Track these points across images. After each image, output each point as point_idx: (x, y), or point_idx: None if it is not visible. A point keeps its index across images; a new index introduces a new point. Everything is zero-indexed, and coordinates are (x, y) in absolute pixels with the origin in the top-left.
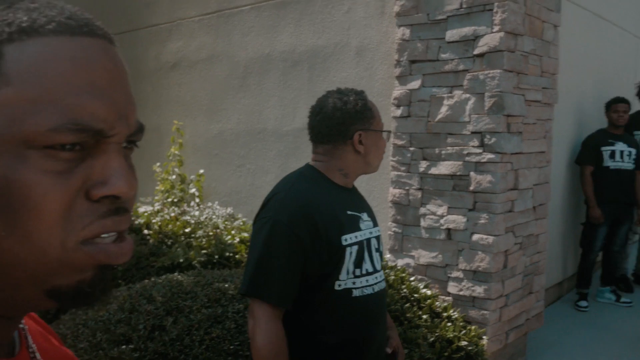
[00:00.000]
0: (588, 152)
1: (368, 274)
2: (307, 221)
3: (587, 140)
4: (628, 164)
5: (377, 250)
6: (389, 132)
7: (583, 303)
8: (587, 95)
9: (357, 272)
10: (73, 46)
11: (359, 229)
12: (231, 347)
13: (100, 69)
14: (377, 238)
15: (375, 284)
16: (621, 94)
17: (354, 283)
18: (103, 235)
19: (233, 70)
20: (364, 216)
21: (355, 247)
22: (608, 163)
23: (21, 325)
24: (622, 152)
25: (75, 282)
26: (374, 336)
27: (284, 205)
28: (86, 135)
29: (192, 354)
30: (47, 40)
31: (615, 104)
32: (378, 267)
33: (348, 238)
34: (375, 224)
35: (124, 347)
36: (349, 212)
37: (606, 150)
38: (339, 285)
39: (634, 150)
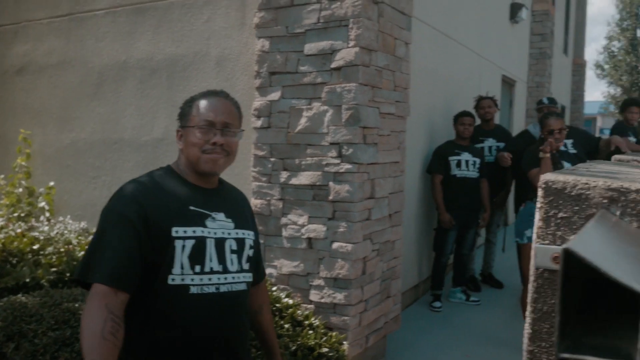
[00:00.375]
0: (437, 162)
1: (213, 272)
2: (136, 205)
3: (436, 151)
4: (473, 173)
5: (235, 252)
6: (205, 127)
7: (437, 304)
8: (437, 108)
9: (197, 268)
10: None
11: (201, 226)
12: None
13: None
14: (239, 241)
15: (223, 284)
16: (467, 108)
17: (192, 280)
18: None
19: (86, 77)
20: (219, 216)
21: (190, 242)
22: (455, 172)
23: None
24: (467, 161)
25: None
26: (216, 337)
27: (118, 195)
28: None
29: None
30: None
31: (461, 117)
32: (232, 268)
33: (180, 231)
34: (240, 227)
35: None
36: (191, 208)
37: (453, 160)
38: (173, 280)
39: (478, 160)
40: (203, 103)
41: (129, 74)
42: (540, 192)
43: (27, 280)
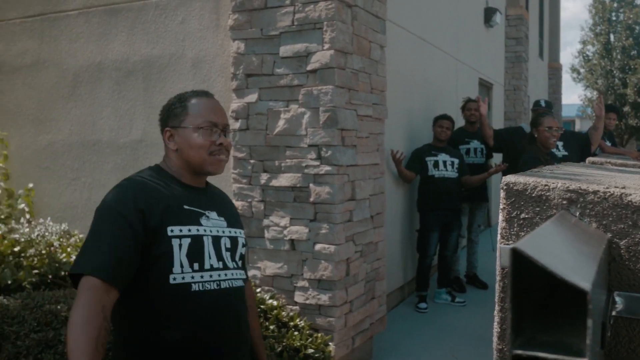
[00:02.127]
0: (412, 161)
1: (213, 269)
2: (132, 203)
3: (413, 152)
4: (451, 173)
5: (229, 250)
6: (209, 128)
7: (422, 305)
8: (416, 111)
9: (196, 266)
10: None
11: (196, 224)
12: None
13: None
14: (233, 239)
15: (224, 280)
16: (445, 111)
17: (192, 277)
18: None
19: (62, 78)
20: (212, 214)
21: (187, 240)
22: (433, 172)
23: None
24: (445, 162)
25: None
26: (222, 332)
27: (114, 192)
28: None
29: None
30: None
31: (440, 120)
32: (230, 265)
33: (176, 229)
34: (231, 225)
35: None
36: (185, 207)
37: (430, 160)
38: (174, 279)
39: (456, 160)
40: (200, 103)
41: (105, 75)
42: (502, 194)
43: (9, 282)
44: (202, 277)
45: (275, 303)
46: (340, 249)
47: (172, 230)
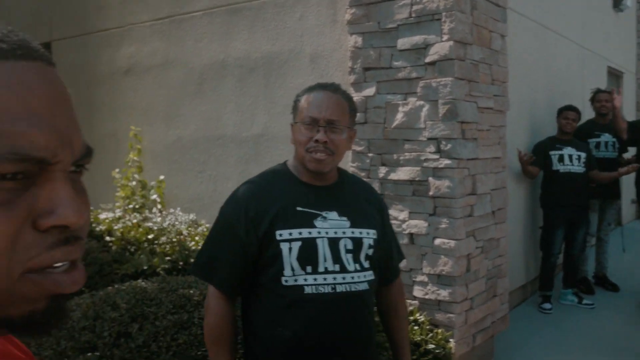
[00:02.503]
0: (536, 156)
1: (327, 272)
2: (242, 212)
3: (536, 145)
4: (578, 167)
5: (351, 251)
6: (309, 124)
7: (547, 305)
8: (539, 103)
9: (309, 269)
10: (7, 72)
11: (308, 227)
12: (198, 352)
13: (38, 95)
14: (356, 240)
15: (340, 284)
16: (571, 102)
17: (305, 280)
18: (55, 265)
19: (188, 76)
20: (331, 215)
21: (297, 244)
22: (557, 167)
23: None
24: (570, 155)
25: (27, 312)
26: (335, 335)
27: (232, 198)
28: (27, 165)
29: None
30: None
31: (565, 111)
32: (350, 267)
33: (285, 233)
34: (357, 225)
35: (89, 354)
36: (299, 209)
37: (554, 154)
38: (286, 281)
39: (583, 154)
40: (308, 98)
41: (228, 73)
42: None
43: (145, 267)
44: (315, 279)
45: None
46: (460, 244)
47: (280, 235)
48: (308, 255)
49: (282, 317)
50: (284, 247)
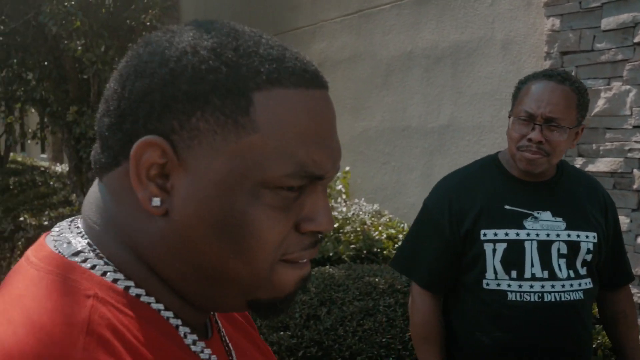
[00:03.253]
0: None
1: (534, 279)
2: (447, 208)
3: None
4: None
5: (565, 256)
6: (524, 119)
7: None
8: None
9: (514, 274)
10: (308, 99)
11: (517, 227)
12: (383, 339)
13: (325, 120)
14: (572, 244)
15: (549, 292)
16: None
17: (509, 285)
18: (300, 261)
19: (375, 69)
20: (543, 215)
21: (502, 245)
22: None
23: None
24: None
25: (272, 297)
26: (539, 346)
27: (435, 190)
28: (308, 180)
29: (346, 344)
30: (289, 92)
31: None
32: (561, 275)
33: (490, 233)
34: (573, 227)
35: (282, 333)
36: (507, 207)
37: None
38: (487, 285)
39: None
40: (528, 88)
41: (415, 64)
42: None
43: (331, 254)
44: (520, 286)
45: None
46: None
47: (485, 234)
48: (513, 258)
49: (481, 322)
50: (488, 248)
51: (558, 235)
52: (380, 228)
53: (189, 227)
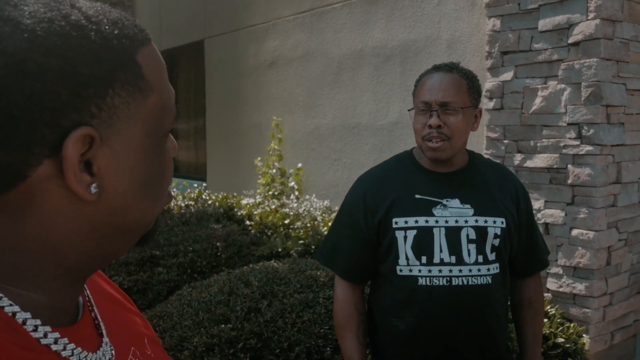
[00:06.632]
0: None
1: (443, 264)
2: (362, 201)
3: None
4: None
5: (474, 241)
6: (423, 109)
7: None
8: None
9: (424, 259)
10: (155, 52)
11: (426, 215)
12: (321, 330)
13: (165, 66)
14: (479, 229)
15: (457, 276)
16: None
17: (419, 271)
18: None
19: (327, 67)
20: (452, 202)
21: (412, 232)
22: None
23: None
24: None
25: (152, 229)
26: (449, 329)
27: (354, 186)
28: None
29: (285, 335)
30: (149, 49)
31: None
32: (469, 260)
33: (401, 221)
34: (481, 214)
35: (223, 326)
36: (417, 196)
37: None
38: (400, 271)
39: None
40: (422, 82)
41: (365, 62)
42: None
43: (279, 250)
44: (429, 271)
45: None
46: (600, 235)
47: (396, 222)
48: (423, 245)
49: (396, 308)
50: (399, 235)
51: (466, 222)
52: (329, 224)
53: (121, 195)
